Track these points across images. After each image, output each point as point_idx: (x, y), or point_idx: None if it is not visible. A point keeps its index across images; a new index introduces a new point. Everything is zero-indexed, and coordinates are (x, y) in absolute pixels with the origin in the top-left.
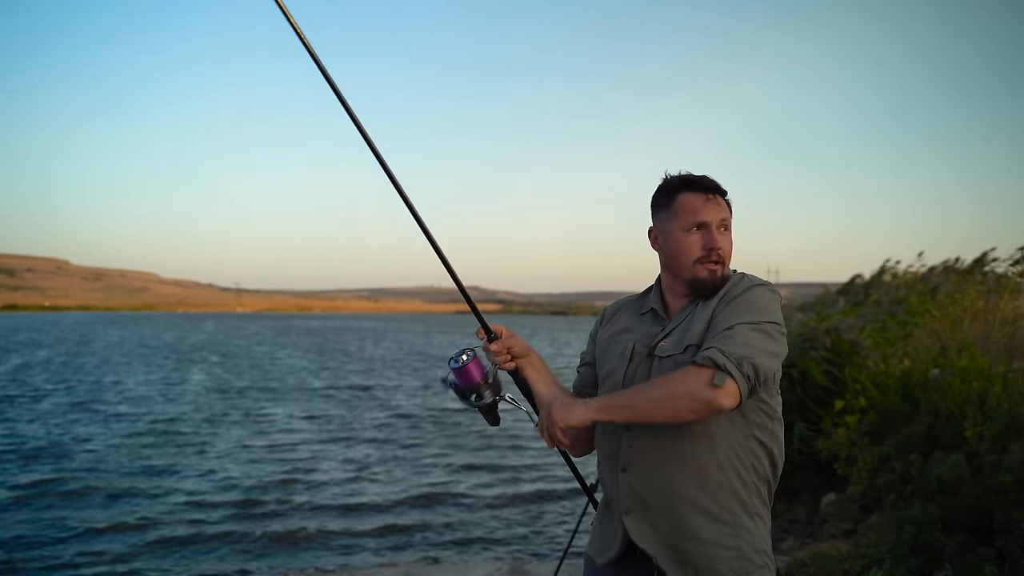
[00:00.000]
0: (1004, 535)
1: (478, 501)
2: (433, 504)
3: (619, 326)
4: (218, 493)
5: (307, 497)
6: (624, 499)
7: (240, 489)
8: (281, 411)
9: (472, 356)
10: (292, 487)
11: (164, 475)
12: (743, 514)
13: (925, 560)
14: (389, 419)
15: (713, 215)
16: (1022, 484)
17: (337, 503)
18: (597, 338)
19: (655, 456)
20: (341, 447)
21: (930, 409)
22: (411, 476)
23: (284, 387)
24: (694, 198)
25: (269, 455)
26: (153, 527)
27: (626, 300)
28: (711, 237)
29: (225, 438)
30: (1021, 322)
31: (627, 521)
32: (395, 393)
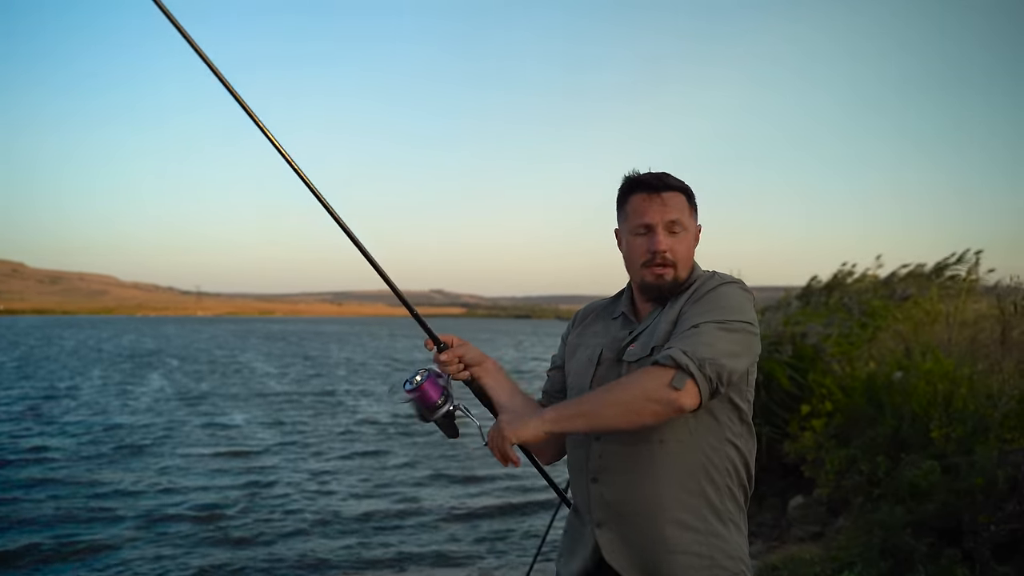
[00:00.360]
0: (972, 537)
1: (447, 511)
2: (400, 515)
3: (589, 330)
4: (174, 506)
5: (268, 509)
6: (596, 511)
7: (197, 501)
8: (242, 418)
9: (427, 375)
10: (253, 499)
11: (118, 487)
12: (716, 521)
13: (895, 563)
14: (354, 426)
15: (658, 216)
16: (990, 486)
17: (300, 515)
18: (567, 341)
19: (626, 465)
20: (304, 455)
21: (896, 411)
22: (377, 486)
23: (246, 392)
24: (641, 199)
25: (229, 464)
26: (107, 548)
27: (598, 304)
28: (655, 239)
29: (183, 446)
30: (983, 323)
31: (599, 534)
32: (360, 398)
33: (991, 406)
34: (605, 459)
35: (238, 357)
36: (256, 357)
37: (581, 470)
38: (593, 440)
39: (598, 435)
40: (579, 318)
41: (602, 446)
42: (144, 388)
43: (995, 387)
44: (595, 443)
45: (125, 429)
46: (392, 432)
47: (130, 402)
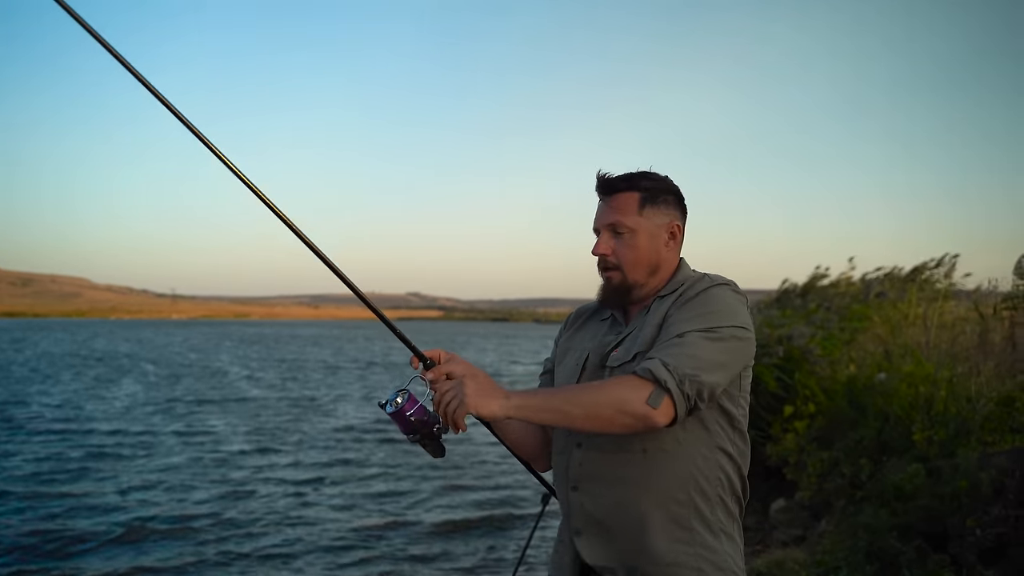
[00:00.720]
0: (958, 541)
1: (429, 521)
2: (383, 525)
3: (579, 333)
4: (148, 517)
5: (246, 520)
6: (575, 519)
7: (172, 511)
8: (219, 423)
9: (407, 397)
10: (230, 509)
11: (87, 498)
12: (705, 531)
13: (881, 567)
14: (333, 432)
15: (600, 219)
16: (974, 489)
17: (279, 527)
18: (559, 344)
19: (607, 474)
20: (283, 463)
21: (878, 414)
22: (358, 495)
23: (221, 398)
24: (598, 203)
25: (205, 472)
26: (74, 566)
27: (590, 306)
28: (595, 244)
29: (157, 454)
30: (963, 326)
31: (578, 542)
32: (338, 404)
33: (971, 409)
34: (586, 467)
35: (214, 361)
36: (232, 361)
37: (563, 478)
38: (575, 447)
39: (579, 441)
40: (571, 320)
41: (583, 453)
42: (117, 393)
43: (974, 390)
44: (576, 450)
45: (96, 436)
46: (370, 439)
47: (102, 408)
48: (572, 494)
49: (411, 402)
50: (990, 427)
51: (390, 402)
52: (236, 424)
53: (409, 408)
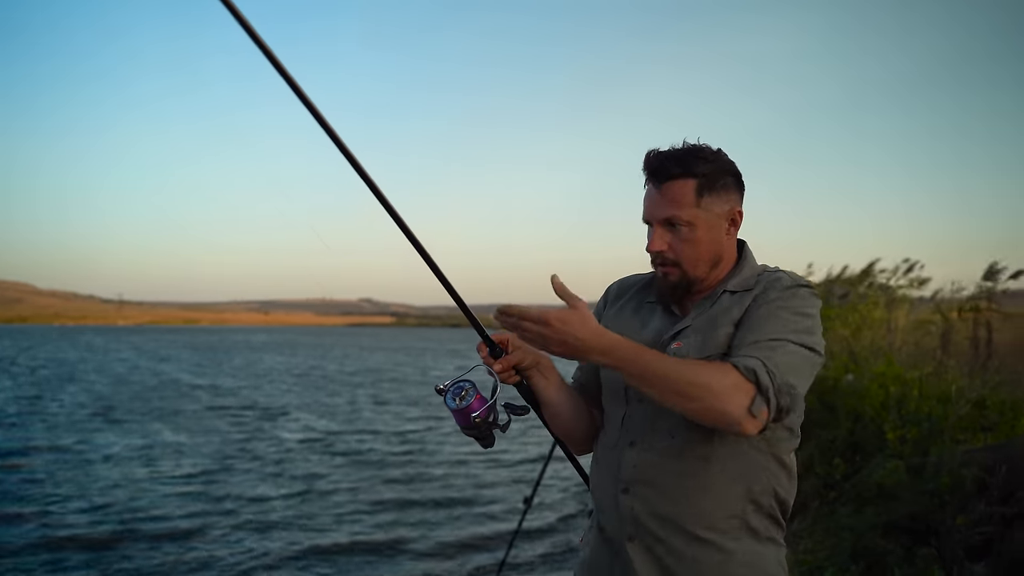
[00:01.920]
0: (944, 537)
1: (403, 544)
2: (352, 550)
3: (625, 313)
4: (86, 543)
5: (201, 549)
6: (627, 524)
7: (114, 537)
8: (169, 436)
9: (474, 392)
10: (183, 534)
11: (19, 521)
12: (753, 541)
13: (867, 566)
14: (291, 445)
15: (650, 213)
16: (958, 487)
17: (238, 557)
18: (602, 324)
19: (662, 479)
20: (240, 480)
21: (849, 414)
22: (323, 515)
23: (170, 408)
24: (646, 190)
25: (152, 490)
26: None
27: (633, 280)
28: (650, 240)
29: (100, 470)
30: (928, 328)
31: (630, 548)
32: (295, 413)
33: (945, 408)
34: (641, 470)
35: (164, 368)
36: (181, 368)
37: (610, 478)
38: (627, 445)
39: (633, 440)
40: (612, 296)
41: (638, 455)
42: (59, 404)
43: (952, 390)
44: (629, 449)
45: (35, 452)
46: (332, 452)
47: (44, 419)
48: (622, 497)
49: (478, 400)
50: (962, 426)
51: (453, 395)
52: (185, 437)
53: (476, 408)
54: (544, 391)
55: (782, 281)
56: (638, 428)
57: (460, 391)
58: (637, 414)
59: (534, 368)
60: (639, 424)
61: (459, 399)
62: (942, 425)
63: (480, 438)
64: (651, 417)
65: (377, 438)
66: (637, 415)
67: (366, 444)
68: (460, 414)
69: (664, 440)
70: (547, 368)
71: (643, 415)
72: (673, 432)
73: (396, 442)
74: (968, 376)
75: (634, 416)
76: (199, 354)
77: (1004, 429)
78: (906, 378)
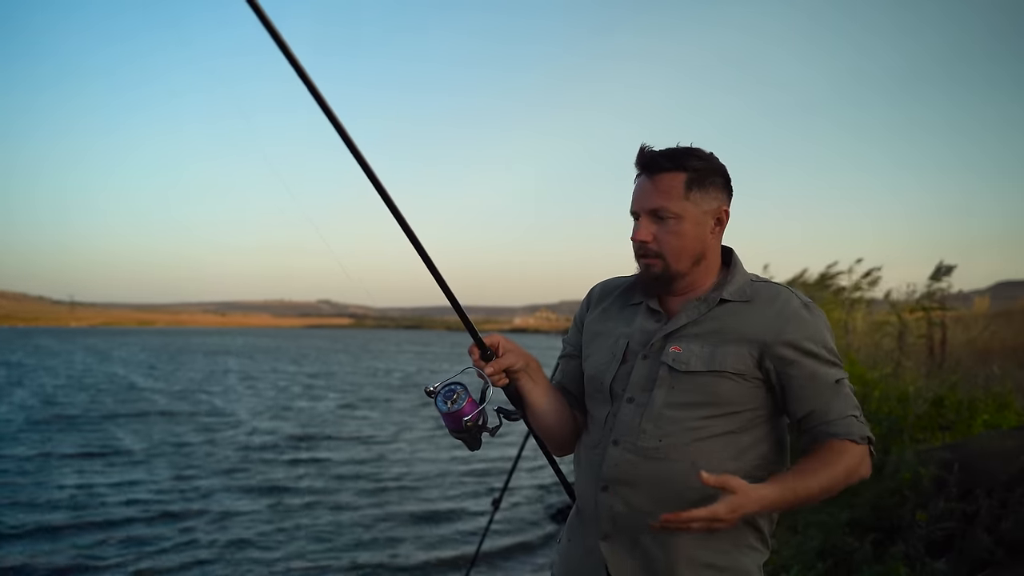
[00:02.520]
0: (907, 533)
1: (373, 526)
2: (324, 533)
3: (608, 315)
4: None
5: (160, 549)
6: (604, 522)
7: (68, 556)
8: (125, 442)
9: (466, 395)
10: (138, 547)
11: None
12: (730, 547)
13: (834, 564)
14: (251, 452)
15: (638, 203)
16: (917, 484)
17: (198, 559)
18: (584, 326)
19: (644, 481)
20: (195, 491)
21: None
22: (290, 530)
23: (126, 412)
24: (637, 181)
25: (106, 501)
26: None
27: (616, 283)
28: (635, 231)
29: (49, 479)
30: (884, 329)
31: (604, 547)
32: (254, 419)
33: (904, 407)
34: (622, 469)
35: (118, 371)
36: (135, 370)
37: (591, 476)
38: (610, 444)
39: (616, 439)
40: (596, 298)
41: (621, 454)
42: (6, 408)
43: (911, 390)
44: (612, 448)
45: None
46: (292, 459)
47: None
48: (602, 495)
49: (470, 404)
50: (920, 425)
51: (444, 398)
52: (139, 443)
53: (468, 412)
54: (531, 394)
55: (797, 297)
56: (623, 427)
57: (451, 394)
58: (624, 413)
59: (523, 371)
60: (625, 423)
61: (450, 402)
62: (902, 424)
63: (468, 441)
64: (638, 418)
65: (340, 443)
66: (623, 414)
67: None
68: (451, 417)
69: (650, 442)
70: (535, 371)
71: (630, 415)
72: (660, 436)
73: (357, 446)
74: (926, 376)
75: (620, 415)
76: (154, 356)
77: (961, 428)
78: (867, 378)
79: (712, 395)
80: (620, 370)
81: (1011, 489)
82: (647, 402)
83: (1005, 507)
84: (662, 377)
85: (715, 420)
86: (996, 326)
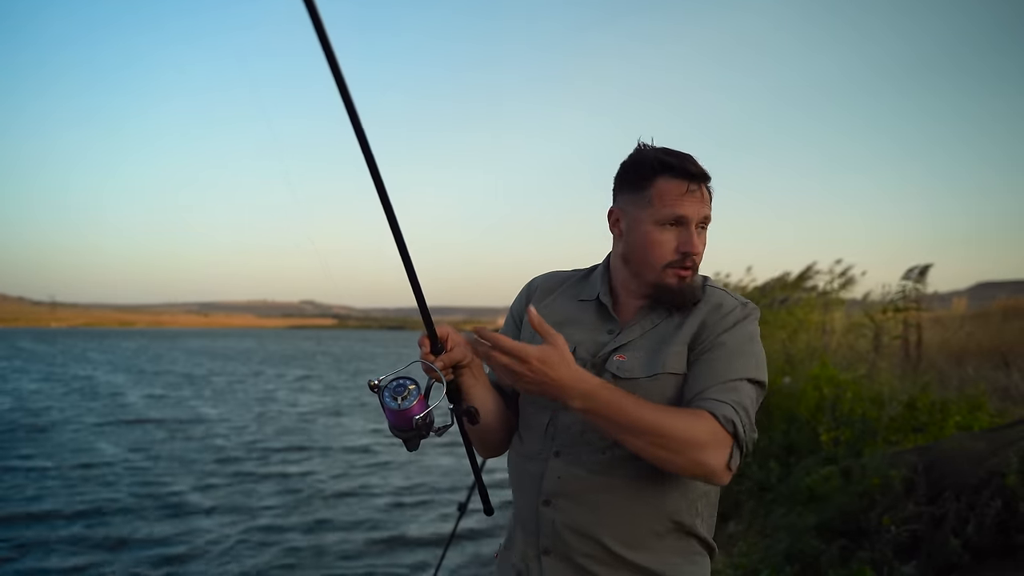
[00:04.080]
0: (876, 538)
1: (336, 543)
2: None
3: (557, 314)
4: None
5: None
6: (544, 537)
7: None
8: (109, 453)
9: (417, 392)
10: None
11: None
12: (678, 558)
13: (801, 568)
14: (215, 464)
15: (694, 210)
16: (886, 487)
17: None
18: (524, 321)
19: (586, 491)
20: (165, 498)
21: (785, 416)
22: (255, 541)
23: (105, 417)
24: (675, 186)
25: (77, 507)
26: None
27: (562, 276)
28: (689, 239)
29: (28, 490)
30: (859, 330)
31: (546, 562)
32: (228, 426)
33: (877, 410)
34: (566, 482)
35: (97, 373)
36: (112, 372)
37: (531, 489)
38: (552, 455)
39: (558, 450)
40: (539, 291)
41: (564, 466)
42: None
43: (884, 392)
44: (554, 460)
45: None
46: (262, 471)
47: None
48: (543, 509)
49: (420, 403)
50: (894, 427)
51: (394, 394)
52: (110, 447)
53: (418, 411)
54: (472, 390)
55: (734, 313)
56: (565, 438)
57: (401, 389)
58: (564, 423)
59: (468, 367)
60: (566, 434)
61: (400, 398)
62: (875, 427)
63: (410, 441)
64: (580, 428)
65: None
66: (564, 424)
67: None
68: (398, 415)
69: (593, 455)
70: (478, 367)
71: (571, 424)
72: (603, 448)
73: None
74: (900, 378)
75: (561, 424)
76: (135, 359)
77: (933, 430)
78: (840, 380)
79: (654, 400)
80: None
81: (979, 492)
82: None
83: (973, 510)
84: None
85: None
86: (972, 327)
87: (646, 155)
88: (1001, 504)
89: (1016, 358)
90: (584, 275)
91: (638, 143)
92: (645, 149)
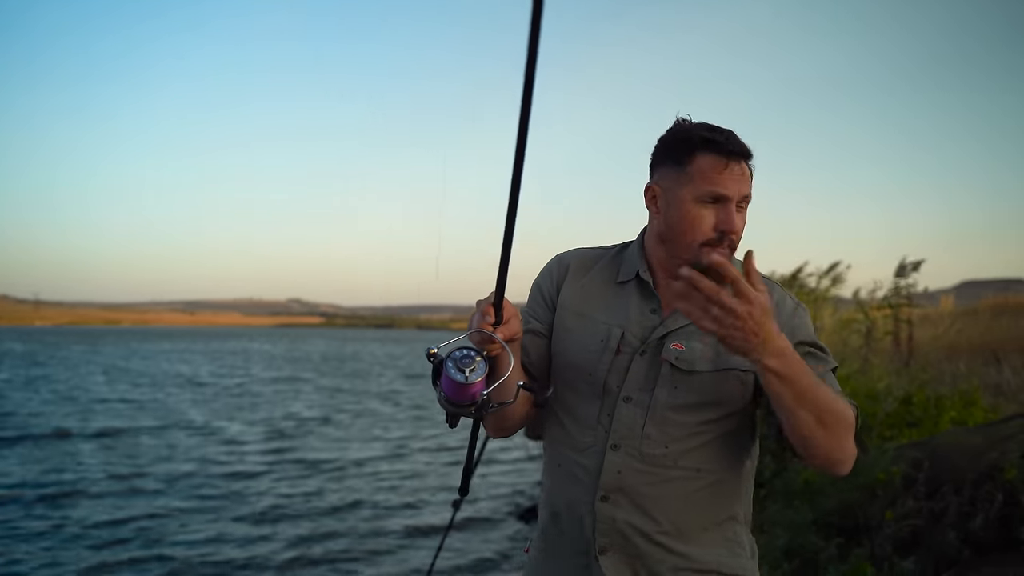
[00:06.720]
0: (875, 533)
1: (329, 540)
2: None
3: (590, 295)
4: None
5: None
6: (601, 536)
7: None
8: (91, 463)
9: (485, 366)
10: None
11: None
12: (736, 554)
13: (800, 564)
14: (200, 464)
15: (735, 188)
16: (888, 482)
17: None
18: (559, 299)
19: (647, 487)
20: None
21: None
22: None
23: (81, 413)
24: (715, 162)
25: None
26: None
27: (596, 253)
28: (728, 217)
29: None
30: (851, 326)
31: (603, 561)
32: (219, 426)
33: (873, 405)
34: (625, 476)
35: (83, 376)
36: (95, 372)
37: (586, 483)
38: (610, 448)
39: (616, 443)
40: (569, 269)
41: (623, 460)
42: None
43: (880, 387)
44: (612, 453)
45: None
46: (240, 477)
47: None
48: (600, 505)
49: (485, 378)
50: (889, 422)
51: (460, 365)
52: (88, 449)
53: (480, 387)
54: (506, 367)
55: (791, 298)
56: (624, 430)
57: (468, 361)
58: (623, 415)
59: (513, 343)
60: (626, 426)
61: (468, 371)
62: (871, 422)
63: (458, 416)
64: (642, 421)
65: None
66: (623, 416)
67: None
68: (461, 388)
69: (657, 448)
70: (517, 345)
71: (631, 417)
72: (667, 441)
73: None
74: (895, 374)
75: (618, 416)
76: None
77: (928, 425)
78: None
79: (715, 395)
80: (615, 361)
81: (978, 487)
82: (649, 403)
83: (974, 505)
84: (664, 376)
85: (717, 423)
86: (961, 324)
87: (687, 130)
88: (1003, 499)
89: (1007, 354)
90: (617, 251)
91: (677, 117)
92: (685, 124)
